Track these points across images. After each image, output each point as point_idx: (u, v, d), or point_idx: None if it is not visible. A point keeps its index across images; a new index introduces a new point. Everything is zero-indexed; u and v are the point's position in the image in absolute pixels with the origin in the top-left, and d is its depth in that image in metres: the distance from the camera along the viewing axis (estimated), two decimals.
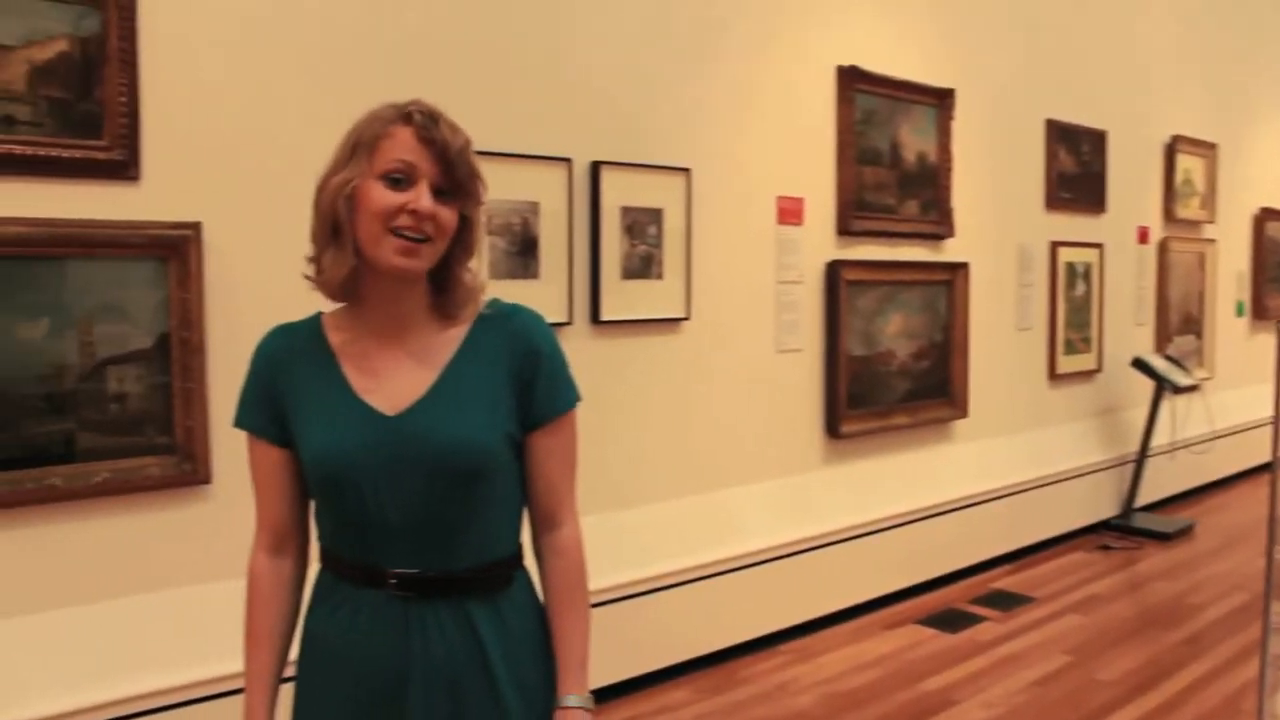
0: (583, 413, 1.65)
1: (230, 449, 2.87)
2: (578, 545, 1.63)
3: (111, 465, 2.77)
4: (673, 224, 3.95)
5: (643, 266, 3.86)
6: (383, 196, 1.46)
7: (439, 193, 1.48)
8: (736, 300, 4.25)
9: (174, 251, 2.82)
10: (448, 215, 1.48)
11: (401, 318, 1.55)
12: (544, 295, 3.54)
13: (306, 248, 1.56)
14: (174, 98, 2.85)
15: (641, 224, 3.85)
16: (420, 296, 1.55)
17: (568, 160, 3.64)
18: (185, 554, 2.91)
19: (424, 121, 1.47)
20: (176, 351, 2.85)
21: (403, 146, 1.46)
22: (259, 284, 2.90)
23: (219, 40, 2.93)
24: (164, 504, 2.88)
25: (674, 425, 4.05)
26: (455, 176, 1.48)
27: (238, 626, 1.64)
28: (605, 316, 3.75)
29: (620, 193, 3.77)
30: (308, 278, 1.55)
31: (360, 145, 1.49)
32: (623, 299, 3.80)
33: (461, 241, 1.54)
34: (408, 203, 1.45)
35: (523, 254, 3.52)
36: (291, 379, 1.58)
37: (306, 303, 1.63)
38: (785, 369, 4.47)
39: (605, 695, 3.73)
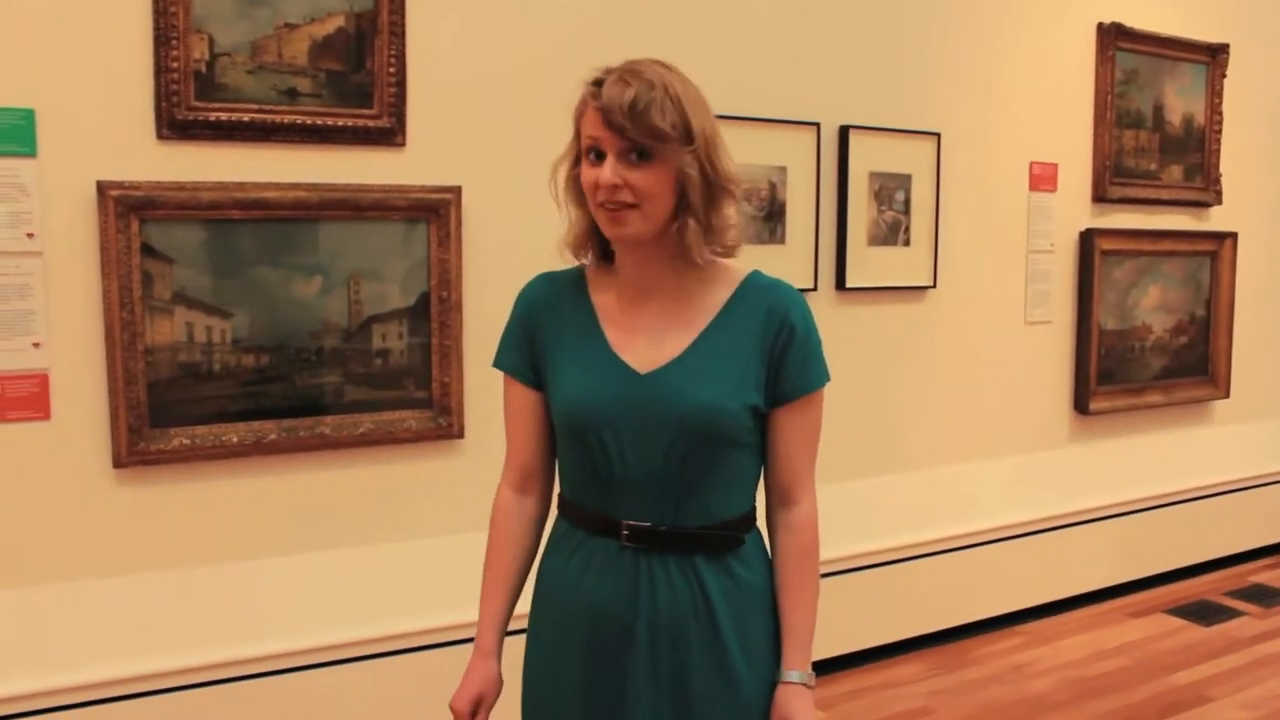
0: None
1: (483, 405, 2.99)
2: (812, 523, 1.61)
3: (374, 417, 2.93)
4: (921, 190, 3.85)
5: (889, 233, 3.78)
6: (585, 175, 1.50)
7: (640, 155, 1.45)
8: (985, 269, 4.11)
9: (435, 214, 2.94)
10: (639, 178, 1.45)
11: (650, 279, 1.57)
12: (790, 260, 3.51)
13: (560, 211, 1.62)
14: (438, 67, 2.96)
15: (889, 189, 3.76)
16: (664, 258, 1.56)
17: (816, 125, 3.59)
18: (437, 505, 3.05)
19: (594, 90, 1.47)
20: (435, 310, 2.98)
21: (590, 122, 1.48)
22: (514, 246, 3.00)
23: (479, 12, 3.02)
24: (420, 455, 3.02)
25: (915, 395, 3.97)
26: (630, 138, 1.44)
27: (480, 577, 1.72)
28: (850, 283, 3.70)
29: (869, 158, 3.70)
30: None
31: (575, 125, 1.53)
32: (868, 265, 3.73)
33: (684, 196, 1.49)
34: (601, 177, 1.47)
35: (770, 219, 3.50)
36: (550, 326, 1.63)
37: (558, 265, 1.68)
38: (1033, 341, 4.30)
39: (835, 665, 3.72)
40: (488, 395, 3.03)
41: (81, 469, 2.61)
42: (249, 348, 2.77)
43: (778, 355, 1.55)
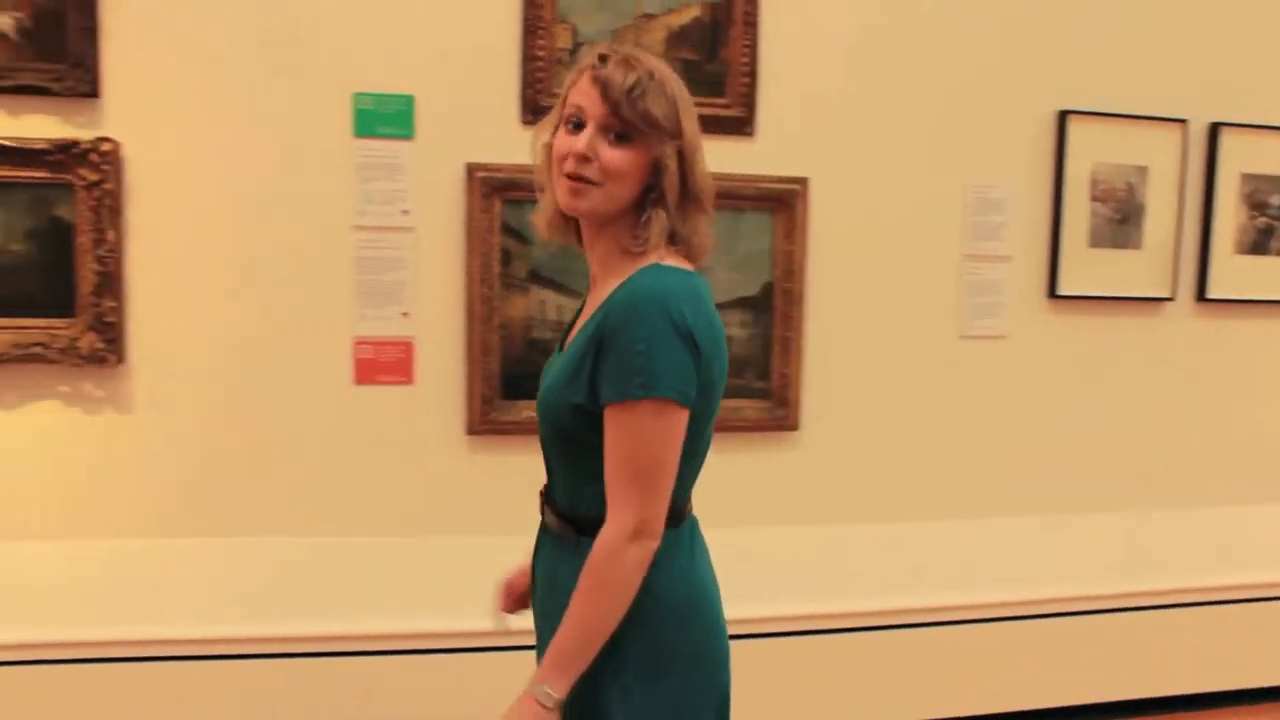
0: (1179, 398, 1.43)
1: (819, 399, 2.99)
2: (606, 544, 1.42)
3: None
4: None
5: (1260, 240, 3.45)
6: (560, 142, 1.47)
7: (619, 136, 1.43)
8: None
9: (782, 205, 2.94)
10: (614, 157, 1.43)
11: (599, 267, 1.54)
12: (1144, 268, 3.28)
13: (897, 205, 1.55)
14: (789, 58, 2.95)
15: (1263, 193, 3.43)
16: (616, 248, 1.50)
17: (1183, 121, 3.32)
18: (769, 495, 3.05)
19: (594, 61, 1.45)
20: (779, 301, 2.98)
21: (579, 91, 1.46)
22: (859, 240, 2.94)
23: (830, 3, 2.99)
24: (755, 446, 3.03)
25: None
26: (622, 116, 1.42)
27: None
28: (1211, 294, 3.39)
29: (1241, 158, 3.38)
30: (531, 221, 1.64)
31: (563, 97, 1.50)
32: (1233, 276, 3.41)
33: (655, 186, 1.46)
34: (573, 146, 1.43)
35: (1125, 222, 3.27)
36: None
37: (900, 259, 1.60)
38: None
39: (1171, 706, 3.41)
40: (823, 389, 3.01)
41: (439, 432, 2.79)
42: None
43: (599, 357, 1.42)
